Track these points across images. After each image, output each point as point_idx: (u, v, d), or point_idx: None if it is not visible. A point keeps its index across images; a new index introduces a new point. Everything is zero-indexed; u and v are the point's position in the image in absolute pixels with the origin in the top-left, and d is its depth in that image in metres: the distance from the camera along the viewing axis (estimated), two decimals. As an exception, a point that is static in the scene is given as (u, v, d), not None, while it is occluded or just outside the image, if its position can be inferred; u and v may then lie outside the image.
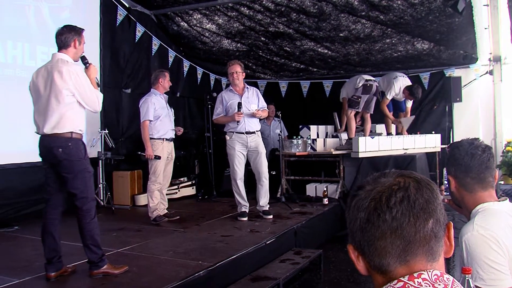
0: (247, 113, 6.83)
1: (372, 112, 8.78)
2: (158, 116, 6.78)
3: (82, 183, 4.25)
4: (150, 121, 6.73)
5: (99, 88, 4.52)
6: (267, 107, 10.11)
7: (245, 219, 6.91)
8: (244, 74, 7.04)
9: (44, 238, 4.32)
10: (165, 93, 7.07)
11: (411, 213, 1.17)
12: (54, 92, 4.13)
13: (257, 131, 6.99)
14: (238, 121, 6.78)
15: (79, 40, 4.36)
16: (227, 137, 7.03)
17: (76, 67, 4.25)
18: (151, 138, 6.76)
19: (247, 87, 7.05)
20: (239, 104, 6.78)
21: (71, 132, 4.21)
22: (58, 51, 4.33)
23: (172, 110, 7.20)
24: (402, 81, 8.85)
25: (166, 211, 7.09)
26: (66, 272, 4.36)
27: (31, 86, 4.35)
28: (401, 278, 1.16)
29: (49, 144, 4.21)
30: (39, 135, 4.31)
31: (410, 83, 8.91)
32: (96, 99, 4.30)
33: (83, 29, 4.44)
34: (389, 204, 1.18)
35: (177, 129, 7.24)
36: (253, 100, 6.97)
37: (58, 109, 4.14)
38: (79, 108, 4.29)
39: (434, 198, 1.21)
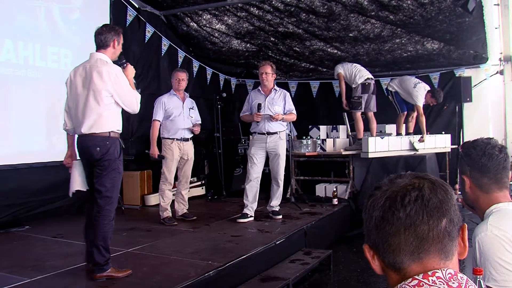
0: (267, 114, 6.85)
1: (375, 111, 8.72)
2: (169, 115, 6.84)
3: (111, 182, 4.27)
4: (159, 121, 6.82)
5: (136, 88, 4.56)
6: None
7: (243, 220, 6.86)
8: (274, 75, 7.07)
9: (87, 233, 4.38)
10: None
11: (424, 211, 1.20)
12: (92, 92, 4.17)
13: (279, 131, 6.96)
14: (257, 122, 6.84)
15: (118, 40, 4.42)
16: (251, 137, 7.15)
17: (116, 68, 4.29)
18: (163, 137, 6.85)
19: (276, 89, 7.07)
20: (259, 105, 6.83)
21: (109, 132, 4.27)
22: (97, 51, 4.36)
23: (190, 110, 7.14)
24: (423, 87, 8.81)
25: (186, 211, 7.13)
26: None
27: (68, 84, 4.41)
28: (416, 276, 1.18)
29: (86, 143, 4.26)
30: (77, 135, 4.40)
31: (428, 88, 8.89)
32: (134, 99, 4.35)
33: (121, 29, 4.52)
34: (403, 203, 1.21)
35: (195, 127, 7.16)
36: (278, 102, 6.96)
37: (97, 109, 4.19)
38: (116, 108, 4.34)
39: (448, 199, 1.24)
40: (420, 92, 8.71)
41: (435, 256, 1.20)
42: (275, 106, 6.90)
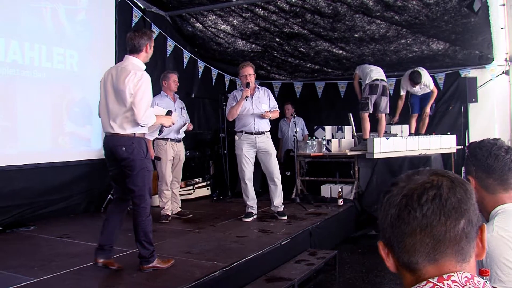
0: (256, 113, 6.85)
1: (387, 112, 8.71)
2: None
3: (142, 181, 4.40)
4: None
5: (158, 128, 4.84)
6: (285, 107, 10.15)
7: (249, 219, 6.94)
8: (255, 75, 7.03)
9: (105, 225, 4.53)
10: (179, 94, 7.19)
11: (442, 212, 1.17)
12: (119, 93, 4.31)
13: (266, 131, 6.98)
14: (246, 97, 6.75)
15: (150, 44, 4.57)
16: (236, 138, 7.08)
17: (144, 73, 4.36)
18: (156, 139, 6.94)
19: (258, 88, 7.07)
20: (247, 84, 6.79)
21: (134, 132, 4.39)
22: (130, 55, 4.49)
23: (182, 110, 7.30)
24: (407, 72, 8.91)
25: (180, 209, 7.31)
26: (112, 266, 4.44)
27: (101, 84, 4.54)
28: (430, 279, 1.15)
29: (113, 142, 4.38)
30: (105, 134, 4.52)
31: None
32: (143, 111, 4.28)
33: (153, 33, 4.73)
34: (420, 202, 1.18)
35: (189, 125, 7.30)
36: (264, 100, 6.98)
37: (123, 110, 4.32)
38: None
39: (468, 198, 1.21)
40: (403, 77, 9.03)
41: (451, 258, 1.18)
42: (262, 104, 6.92)
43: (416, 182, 1.22)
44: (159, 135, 4.99)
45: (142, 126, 4.39)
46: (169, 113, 4.82)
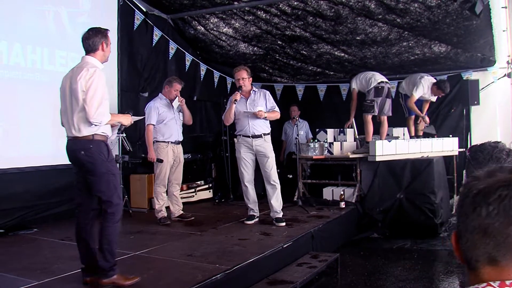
0: (251, 116, 6.79)
1: (390, 115, 8.69)
2: (162, 119, 7.00)
3: (106, 185, 4.14)
4: (154, 125, 6.97)
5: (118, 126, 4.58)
6: (291, 109, 10.14)
7: (251, 222, 6.91)
8: (251, 78, 6.94)
9: (78, 244, 4.25)
10: (183, 96, 7.22)
11: (506, 215, 1.09)
12: (74, 95, 4.06)
13: (264, 134, 6.87)
14: (235, 100, 6.73)
15: (106, 42, 4.33)
16: (235, 140, 7.09)
17: (97, 70, 4.11)
18: (156, 141, 6.99)
19: (254, 90, 6.99)
20: (239, 87, 6.77)
21: (93, 135, 4.11)
22: (86, 55, 4.28)
23: (180, 113, 7.32)
24: (429, 79, 8.87)
25: (182, 212, 7.29)
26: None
27: (60, 91, 4.29)
28: (491, 283, 1.10)
29: (72, 147, 4.17)
30: (66, 138, 4.28)
31: (434, 80, 8.90)
32: (95, 108, 4.00)
33: (108, 30, 4.43)
34: (488, 200, 1.12)
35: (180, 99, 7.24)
36: (260, 102, 6.87)
37: (78, 112, 4.06)
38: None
39: None
40: (424, 83, 8.80)
41: (511, 264, 1.11)
42: (257, 106, 6.80)
43: (494, 178, 1.16)
44: (118, 133, 4.74)
45: (95, 125, 4.07)
46: (128, 113, 4.66)
